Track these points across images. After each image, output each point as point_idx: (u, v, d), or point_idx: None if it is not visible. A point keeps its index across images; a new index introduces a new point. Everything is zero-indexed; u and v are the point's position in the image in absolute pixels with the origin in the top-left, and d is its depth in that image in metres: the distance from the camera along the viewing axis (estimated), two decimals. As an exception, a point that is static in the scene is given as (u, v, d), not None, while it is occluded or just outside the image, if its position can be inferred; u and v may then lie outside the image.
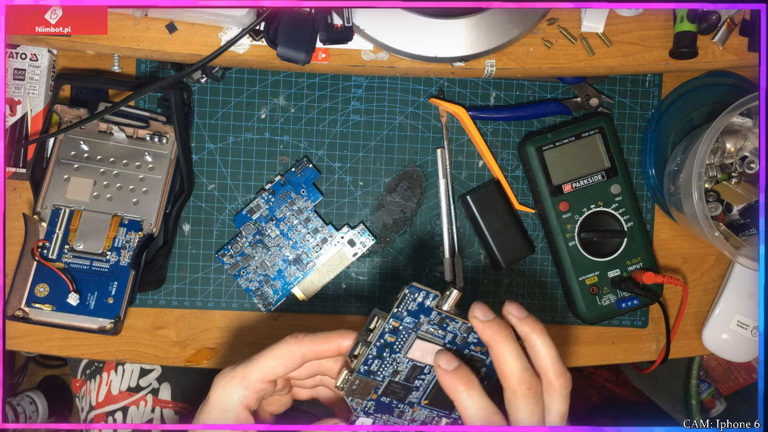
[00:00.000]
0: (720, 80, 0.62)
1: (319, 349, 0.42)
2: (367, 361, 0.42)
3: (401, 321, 0.41)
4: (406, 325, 0.42)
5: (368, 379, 0.42)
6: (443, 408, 0.44)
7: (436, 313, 0.42)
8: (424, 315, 0.42)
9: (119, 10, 0.49)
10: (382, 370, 0.42)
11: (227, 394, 0.41)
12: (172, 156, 0.59)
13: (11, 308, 0.54)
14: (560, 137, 0.59)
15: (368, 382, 0.42)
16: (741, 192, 0.58)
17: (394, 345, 0.42)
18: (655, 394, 0.90)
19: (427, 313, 0.42)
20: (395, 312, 0.42)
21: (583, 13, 0.52)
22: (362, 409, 0.43)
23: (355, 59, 0.53)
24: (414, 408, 0.44)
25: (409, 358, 0.42)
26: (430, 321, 0.42)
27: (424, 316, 0.42)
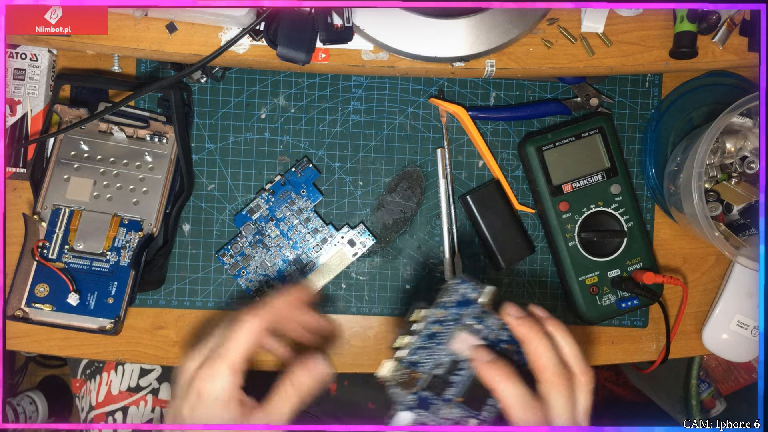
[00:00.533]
0: (720, 80, 0.62)
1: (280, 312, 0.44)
2: (414, 351, 0.44)
3: (446, 311, 0.45)
4: (451, 316, 0.45)
5: (412, 370, 0.44)
6: (474, 408, 0.45)
7: (476, 306, 0.45)
8: (466, 307, 0.45)
9: (119, 10, 0.49)
10: (426, 361, 0.44)
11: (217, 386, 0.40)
12: (172, 156, 0.59)
13: (11, 308, 0.54)
14: (560, 137, 0.59)
15: (412, 373, 0.44)
16: (741, 192, 0.58)
17: (438, 336, 0.44)
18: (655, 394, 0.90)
19: (468, 305, 0.45)
20: (443, 302, 0.45)
21: (583, 13, 0.52)
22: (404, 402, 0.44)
23: (355, 59, 0.53)
24: (449, 405, 0.45)
25: (450, 351, 0.44)
26: (470, 314, 0.45)
27: (466, 308, 0.45)
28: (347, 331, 0.62)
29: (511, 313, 0.44)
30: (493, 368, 0.42)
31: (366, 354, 0.62)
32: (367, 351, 0.62)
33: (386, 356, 0.62)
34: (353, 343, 0.62)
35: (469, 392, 0.45)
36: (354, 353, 0.62)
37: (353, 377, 0.75)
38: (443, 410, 0.45)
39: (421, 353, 0.44)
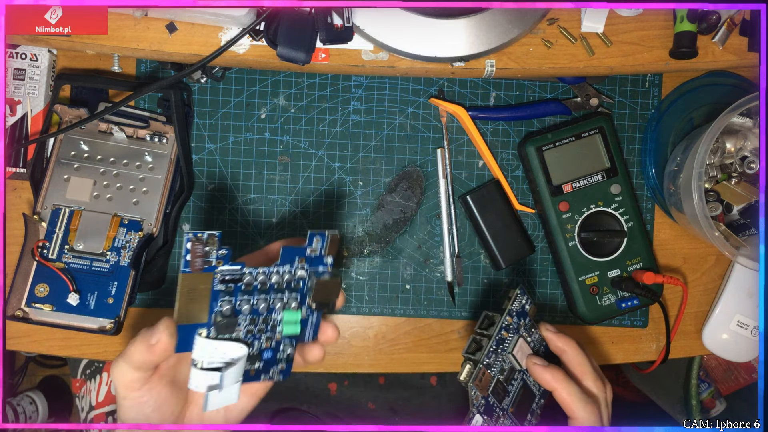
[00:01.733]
0: (720, 80, 0.62)
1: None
2: (489, 353, 0.49)
3: (513, 318, 0.50)
4: (515, 324, 0.50)
5: (488, 372, 0.48)
6: (520, 420, 0.51)
7: (528, 318, 0.51)
8: (524, 318, 0.51)
9: (119, 10, 0.49)
10: (495, 365, 0.49)
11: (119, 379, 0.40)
12: (172, 156, 0.59)
13: (11, 308, 0.54)
14: (560, 137, 0.59)
15: (486, 374, 0.48)
16: (741, 192, 0.58)
17: (505, 342, 0.50)
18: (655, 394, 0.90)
19: (524, 317, 0.51)
20: (510, 309, 0.50)
21: (583, 13, 0.52)
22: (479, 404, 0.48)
23: (355, 59, 0.53)
24: (504, 415, 0.49)
25: (513, 356, 0.50)
26: (525, 325, 0.51)
27: (524, 319, 0.51)
28: (347, 331, 0.62)
29: (549, 329, 0.52)
30: (550, 371, 0.48)
31: (366, 354, 0.62)
32: (367, 351, 0.62)
33: (387, 356, 0.62)
34: (353, 343, 0.62)
35: (518, 404, 0.50)
36: (354, 353, 0.62)
37: (353, 377, 0.75)
38: (501, 419, 0.49)
39: (492, 357, 0.49)
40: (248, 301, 0.41)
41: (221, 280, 0.39)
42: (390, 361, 0.63)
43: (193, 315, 0.39)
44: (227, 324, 0.40)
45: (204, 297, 0.39)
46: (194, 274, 0.38)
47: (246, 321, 0.41)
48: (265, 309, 0.41)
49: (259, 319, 0.41)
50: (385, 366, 0.63)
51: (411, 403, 0.75)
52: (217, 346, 0.40)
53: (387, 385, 0.75)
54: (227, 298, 0.40)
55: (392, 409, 0.75)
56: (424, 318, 0.62)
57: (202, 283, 0.39)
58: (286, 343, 0.43)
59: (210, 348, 0.39)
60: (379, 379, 0.75)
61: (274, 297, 0.42)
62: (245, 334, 0.41)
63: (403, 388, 0.75)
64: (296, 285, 0.42)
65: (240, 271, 0.40)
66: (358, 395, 0.75)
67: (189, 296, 0.39)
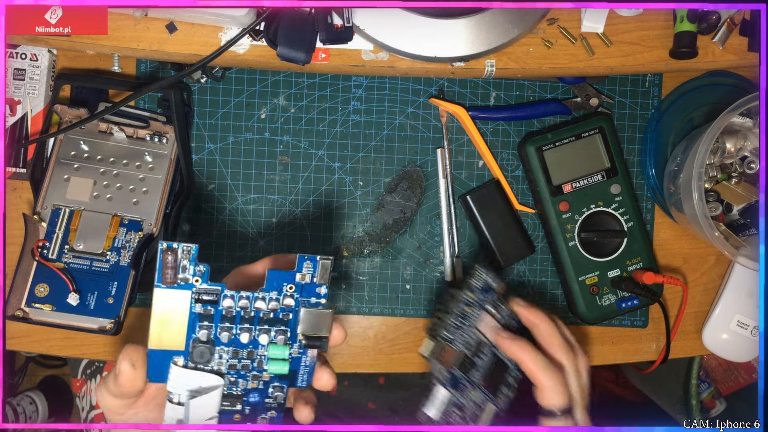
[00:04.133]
0: (720, 80, 0.62)
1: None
2: (449, 327, 0.50)
3: (475, 295, 0.51)
4: (479, 300, 0.51)
5: (449, 346, 0.49)
6: (492, 393, 0.51)
7: (494, 294, 0.51)
8: (487, 294, 0.51)
9: (119, 10, 0.49)
10: (458, 340, 0.50)
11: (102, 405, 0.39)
12: (172, 156, 0.59)
13: (11, 308, 0.54)
14: (560, 137, 0.59)
15: (447, 348, 0.49)
16: (741, 192, 0.58)
17: (468, 317, 0.50)
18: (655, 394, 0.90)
19: (489, 292, 0.51)
20: (471, 284, 0.51)
21: (583, 13, 0.52)
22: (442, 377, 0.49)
23: (355, 59, 0.53)
24: (474, 388, 0.50)
25: (478, 331, 0.50)
26: (491, 301, 0.51)
27: (487, 295, 0.51)
28: (347, 330, 0.62)
29: (520, 303, 0.52)
30: (517, 343, 0.49)
31: (366, 354, 0.62)
32: (367, 351, 0.62)
33: (386, 356, 0.62)
34: (353, 344, 0.62)
35: (489, 377, 0.51)
36: (354, 353, 0.62)
37: (353, 377, 0.75)
38: (470, 392, 0.50)
39: (455, 332, 0.50)
40: (229, 330, 0.37)
41: (198, 300, 0.36)
42: (390, 361, 0.63)
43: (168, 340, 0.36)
44: (202, 352, 0.37)
45: (181, 320, 0.36)
46: (169, 291, 0.35)
47: (228, 353, 0.38)
48: (247, 340, 0.38)
49: (243, 353, 0.38)
50: (385, 366, 0.63)
51: (411, 403, 0.75)
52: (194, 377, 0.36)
53: (387, 385, 0.75)
54: (206, 323, 0.37)
55: (392, 409, 0.75)
56: (424, 318, 0.62)
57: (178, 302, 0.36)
58: (275, 385, 0.39)
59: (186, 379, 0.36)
60: (379, 379, 0.75)
61: (260, 328, 0.38)
62: (227, 369, 0.38)
63: (403, 388, 0.75)
64: (285, 316, 0.38)
65: (220, 292, 0.36)
66: (358, 395, 0.75)
67: (164, 317, 0.36)
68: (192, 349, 0.37)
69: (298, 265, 0.38)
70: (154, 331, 0.36)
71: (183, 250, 0.35)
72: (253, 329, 0.38)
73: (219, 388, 0.37)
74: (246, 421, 0.39)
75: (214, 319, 0.37)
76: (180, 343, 0.36)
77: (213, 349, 0.37)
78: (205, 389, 0.37)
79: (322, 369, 0.40)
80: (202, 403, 0.37)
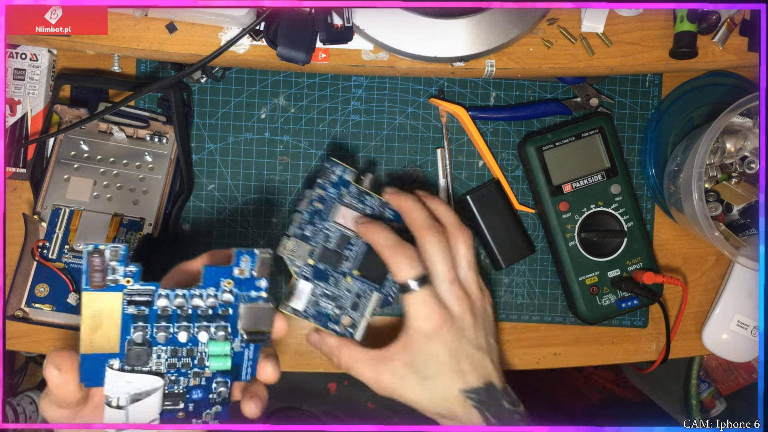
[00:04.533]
0: (720, 80, 0.62)
1: None
2: (301, 225, 0.50)
3: (325, 191, 0.51)
4: (330, 195, 0.51)
5: (303, 243, 0.50)
6: (374, 281, 0.52)
7: (354, 187, 0.51)
8: (344, 188, 0.51)
9: (119, 10, 0.49)
10: (315, 235, 0.51)
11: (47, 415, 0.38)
12: (172, 156, 0.59)
13: (11, 308, 0.54)
14: (560, 137, 0.59)
15: (303, 245, 0.50)
16: (741, 192, 0.58)
17: (321, 212, 0.51)
18: (655, 394, 0.90)
19: (346, 185, 0.51)
20: (319, 182, 0.51)
21: (583, 13, 0.52)
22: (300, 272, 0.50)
23: (355, 59, 0.53)
24: (347, 278, 0.51)
25: (336, 224, 0.51)
26: (350, 194, 0.51)
27: (345, 188, 0.51)
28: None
29: (388, 191, 0.51)
30: (369, 226, 0.49)
31: (366, 354, 0.62)
32: (367, 351, 0.62)
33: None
34: (353, 343, 0.62)
35: (367, 267, 0.51)
36: (354, 353, 0.62)
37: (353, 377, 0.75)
38: (342, 282, 0.51)
39: (309, 228, 0.50)
40: (166, 329, 0.37)
41: (130, 302, 0.35)
42: (390, 361, 0.63)
43: (101, 343, 0.35)
44: (138, 354, 0.36)
45: (112, 322, 0.35)
46: (99, 293, 0.35)
47: (166, 353, 0.37)
48: (186, 338, 0.37)
49: (182, 351, 0.38)
50: (385, 366, 0.63)
51: (411, 403, 0.75)
52: (131, 379, 0.36)
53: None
54: (140, 324, 0.36)
55: (392, 409, 0.75)
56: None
57: (109, 305, 0.35)
58: (218, 380, 0.39)
59: (123, 382, 0.36)
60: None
61: (198, 325, 0.37)
62: (167, 368, 0.37)
63: (403, 388, 0.74)
64: (224, 312, 0.38)
65: (154, 291, 0.36)
66: (358, 395, 0.75)
67: (95, 320, 0.35)
68: (127, 352, 0.36)
69: (236, 260, 0.38)
70: (86, 334, 0.35)
71: (111, 251, 0.35)
72: (192, 327, 0.37)
73: (159, 389, 0.37)
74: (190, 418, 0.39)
75: (149, 320, 0.36)
76: (114, 346, 0.36)
77: (150, 350, 0.37)
78: (145, 391, 0.36)
79: (266, 361, 0.40)
80: (143, 406, 0.36)
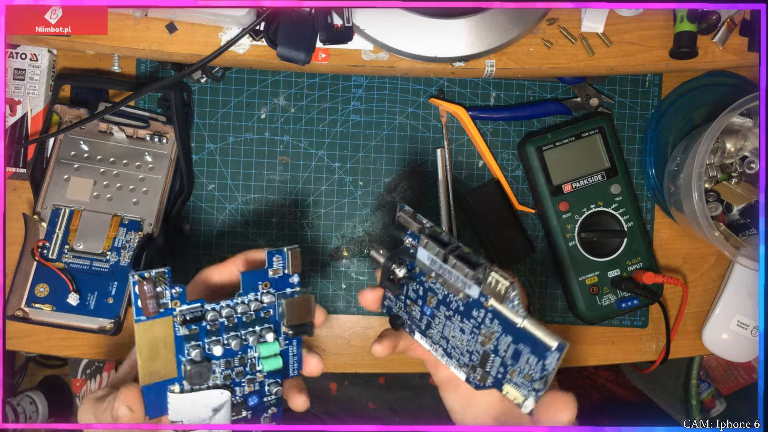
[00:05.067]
0: (720, 80, 0.62)
1: None
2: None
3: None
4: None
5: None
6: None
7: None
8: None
9: (119, 10, 0.49)
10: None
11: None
12: (172, 156, 0.59)
13: (11, 308, 0.54)
14: (560, 137, 0.59)
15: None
16: (741, 192, 0.58)
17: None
18: (655, 394, 0.90)
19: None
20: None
21: (583, 13, 0.52)
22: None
23: (355, 59, 0.53)
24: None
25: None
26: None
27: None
28: (347, 331, 0.62)
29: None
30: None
31: (366, 354, 0.62)
32: (367, 351, 0.62)
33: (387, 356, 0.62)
34: (353, 343, 0.62)
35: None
36: (354, 353, 0.62)
37: (353, 377, 0.75)
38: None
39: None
40: (218, 342, 0.37)
41: (182, 322, 0.35)
42: (390, 361, 0.63)
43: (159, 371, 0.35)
44: (200, 372, 0.36)
45: (167, 347, 0.35)
46: (152, 321, 0.34)
47: (220, 366, 0.37)
48: (239, 346, 0.37)
49: (234, 360, 0.38)
50: (385, 366, 0.63)
51: (411, 403, 0.75)
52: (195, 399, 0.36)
53: (387, 385, 0.75)
54: (194, 343, 0.36)
55: (392, 408, 0.75)
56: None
57: (162, 331, 0.35)
58: (270, 382, 0.39)
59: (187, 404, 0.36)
60: (379, 379, 0.75)
61: (246, 332, 0.38)
62: (224, 380, 0.38)
63: (403, 388, 0.75)
64: (266, 314, 0.38)
65: (201, 308, 0.36)
66: (358, 395, 0.75)
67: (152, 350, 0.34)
68: (187, 372, 0.36)
69: (268, 262, 0.38)
70: (144, 366, 0.35)
71: (157, 275, 0.34)
72: (240, 334, 0.38)
73: (227, 401, 0.37)
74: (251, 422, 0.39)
75: (200, 336, 0.36)
76: (172, 371, 0.35)
77: (210, 365, 0.37)
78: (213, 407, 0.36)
79: (310, 355, 0.41)
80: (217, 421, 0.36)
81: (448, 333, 0.39)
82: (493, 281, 0.34)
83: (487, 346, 0.37)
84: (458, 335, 0.38)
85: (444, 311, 0.38)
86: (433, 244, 0.37)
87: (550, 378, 0.34)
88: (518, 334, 0.35)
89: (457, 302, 0.37)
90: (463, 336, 0.38)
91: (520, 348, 0.35)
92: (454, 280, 0.36)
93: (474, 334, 0.37)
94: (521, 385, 0.36)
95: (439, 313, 0.39)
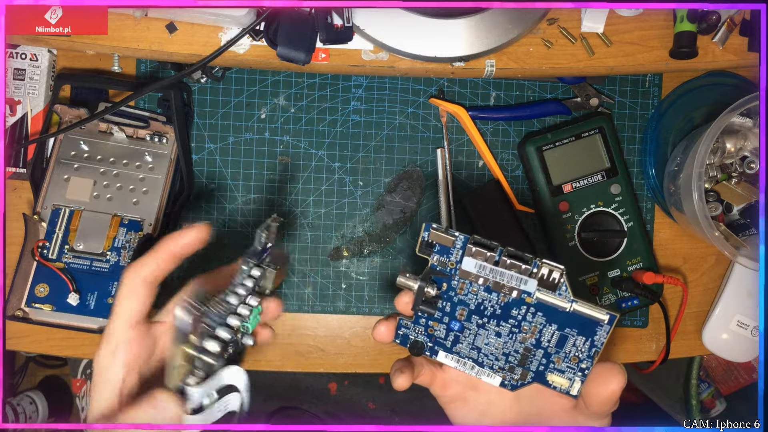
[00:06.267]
0: (720, 80, 0.62)
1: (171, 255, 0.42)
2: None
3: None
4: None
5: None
6: None
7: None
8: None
9: (119, 10, 0.49)
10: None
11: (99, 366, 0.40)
12: (172, 156, 0.59)
13: (11, 308, 0.54)
14: (560, 137, 0.59)
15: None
16: (741, 192, 0.58)
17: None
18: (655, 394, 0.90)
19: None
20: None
21: (583, 13, 0.52)
22: None
23: (355, 59, 0.53)
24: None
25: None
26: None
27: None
28: (347, 331, 0.62)
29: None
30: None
31: (366, 354, 0.62)
32: (368, 351, 0.62)
33: (387, 356, 0.62)
34: (353, 343, 0.62)
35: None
36: (354, 353, 0.62)
37: (353, 377, 0.75)
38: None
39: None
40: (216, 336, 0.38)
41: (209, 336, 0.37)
42: (390, 361, 0.62)
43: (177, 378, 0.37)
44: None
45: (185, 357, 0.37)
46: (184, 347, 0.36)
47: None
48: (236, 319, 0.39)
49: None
50: (385, 366, 0.63)
51: (411, 403, 0.75)
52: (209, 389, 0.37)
53: (387, 385, 0.75)
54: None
55: (392, 409, 0.75)
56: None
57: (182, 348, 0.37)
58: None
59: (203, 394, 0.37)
60: (379, 379, 0.75)
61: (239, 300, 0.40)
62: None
63: (403, 389, 0.75)
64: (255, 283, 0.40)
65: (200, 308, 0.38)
66: (358, 395, 0.75)
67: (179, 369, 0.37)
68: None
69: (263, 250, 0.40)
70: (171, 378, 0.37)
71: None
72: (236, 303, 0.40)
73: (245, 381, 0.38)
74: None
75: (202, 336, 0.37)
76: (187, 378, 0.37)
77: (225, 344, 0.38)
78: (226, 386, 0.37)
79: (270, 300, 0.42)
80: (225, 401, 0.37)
81: (481, 342, 0.39)
82: (546, 271, 0.36)
83: (528, 342, 0.38)
84: (493, 341, 0.39)
85: (476, 320, 0.39)
86: (482, 250, 0.38)
87: (599, 354, 0.36)
88: (565, 320, 0.36)
89: (494, 307, 0.38)
90: (499, 340, 0.39)
91: (566, 333, 0.37)
92: (507, 280, 0.37)
93: (513, 334, 0.38)
94: (566, 371, 0.37)
95: (470, 324, 0.39)
